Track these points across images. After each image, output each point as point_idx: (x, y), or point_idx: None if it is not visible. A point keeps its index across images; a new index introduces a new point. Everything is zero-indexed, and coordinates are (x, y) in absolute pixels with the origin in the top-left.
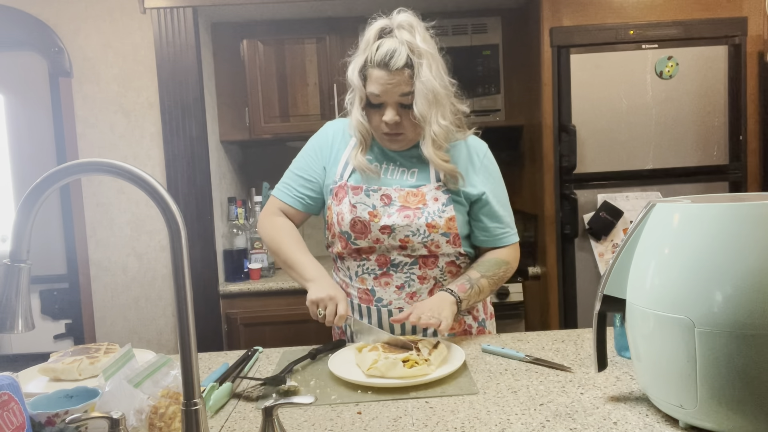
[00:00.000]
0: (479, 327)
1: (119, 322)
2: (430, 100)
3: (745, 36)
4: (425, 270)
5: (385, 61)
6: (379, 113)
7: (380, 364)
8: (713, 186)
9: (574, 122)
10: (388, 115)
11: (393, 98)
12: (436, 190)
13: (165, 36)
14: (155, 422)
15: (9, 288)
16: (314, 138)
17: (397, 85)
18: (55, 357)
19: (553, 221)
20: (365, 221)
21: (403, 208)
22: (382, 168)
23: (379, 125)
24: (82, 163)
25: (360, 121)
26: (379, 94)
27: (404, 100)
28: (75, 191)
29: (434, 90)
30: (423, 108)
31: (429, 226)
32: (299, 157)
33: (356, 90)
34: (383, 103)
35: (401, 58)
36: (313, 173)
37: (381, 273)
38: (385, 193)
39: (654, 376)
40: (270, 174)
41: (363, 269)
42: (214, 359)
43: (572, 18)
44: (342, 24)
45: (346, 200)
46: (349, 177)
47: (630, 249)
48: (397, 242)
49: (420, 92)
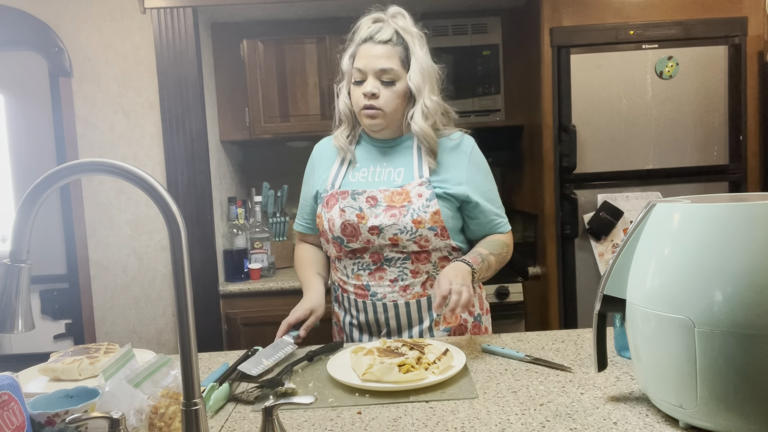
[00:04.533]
0: (475, 322)
1: (119, 322)
2: (424, 75)
3: (745, 36)
4: (418, 265)
5: (371, 35)
6: (360, 89)
7: (375, 368)
8: (713, 186)
9: (574, 122)
10: (367, 87)
11: (373, 71)
12: (419, 187)
13: (165, 36)
14: (155, 422)
15: (9, 288)
16: (307, 164)
17: (380, 57)
18: (55, 357)
19: (553, 221)
20: (354, 224)
21: (389, 207)
22: (370, 171)
23: (359, 100)
24: (82, 163)
25: (345, 103)
26: (361, 68)
27: (383, 75)
28: (75, 191)
29: (428, 66)
30: (417, 81)
31: (415, 222)
32: (303, 185)
33: (346, 74)
34: (365, 79)
35: (387, 32)
36: (311, 198)
37: (375, 268)
38: (370, 195)
39: (654, 376)
40: (270, 174)
41: (358, 266)
42: (214, 359)
43: (572, 18)
44: (342, 24)
45: (336, 206)
46: (339, 186)
47: (630, 249)
48: (387, 241)
49: (415, 67)
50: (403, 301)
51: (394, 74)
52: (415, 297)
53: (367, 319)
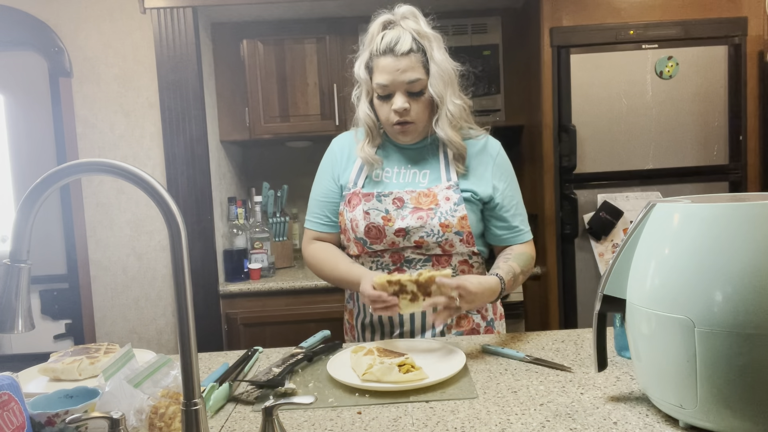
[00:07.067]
0: (487, 327)
1: (119, 322)
2: (445, 79)
3: (745, 36)
4: (438, 267)
5: (390, 47)
6: (387, 104)
7: (375, 369)
8: (713, 186)
9: (574, 122)
10: (398, 102)
11: (401, 85)
12: (447, 190)
13: (165, 36)
14: (155, 422)
15: (9, 288)
16: (324, 159)
17: (404, 71)
18: (55, 357)
19: (553, 221)
20: (380, 226)
21: (415, 209)
22: (394, 171)
23: (389, 116)
24: (82, 163)
25: (366, 113)
26: (386, 83)
27: (412, 88)
28: (75, 191)
29: (447, 69)
30: (439, 87)
31: (442, 226)
32: (316, 183)
33: (363, 84)
34: (391, 94)
35: (406, 43)
36: (332, 194)
37: (395, 268)
38: (396, 196)
39: (654, 376)
40: (270, 174)
41: (377, 265)
42: (214, 359)
43: (572, 18)
44: (342, 24)
45: (359, 208)
46: (362, 185)
47: (630, 249)
48: (412, 243)
49: (435, 73)
50: None
51: (421, 84)
52: None
53: (381, 319)
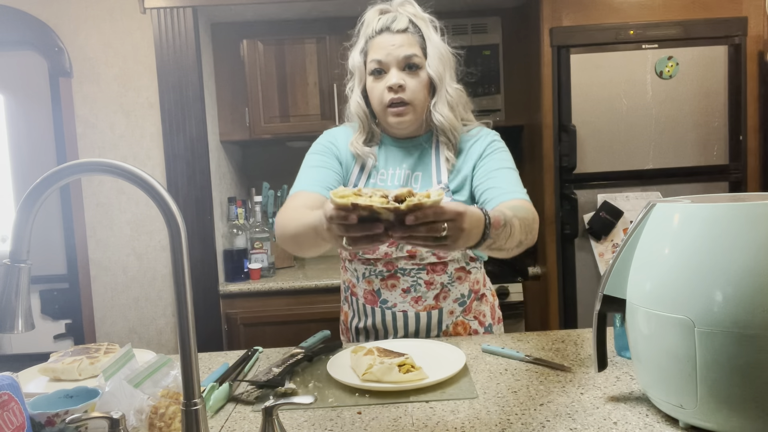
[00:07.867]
0: (486, 332)
1: (119, 322)
2: (444, 61)
3: (745, 36)
4: (432, 275)
5: (387, 25)
6: (382, 82)
7: (375, 369)
8: (713, 186)
9: (574, 122)
10: (393, 78)
11: (396, 60)
12: None
13: (165, 36)
14: (155, 422)
15: (9, 288)
16: (319, 140)
17: (400, 46)
18: (55, 357)
19: (553, 221)
20: None
21: None
22: (389, 173)
23: (383, 96)
24: (82, 163)
25: (359, 103)
26: (381, 59)
27: (408, 61)
28: (75, 191)
29: (445, 50)
30: (437, 66)
31: None
32: (310, 157)
33: (357, 72)
34: (385, 70)
35: (403, 21)
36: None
37: (388, 275)
38: None
39: (654, 376)
40: (270, 174)
41: (370, 271)
42: (214, 359)
43: (572, 18)
44: (342, 24)
45: None
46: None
47: (630, 249)
48: (404, 254)
49: (433, 53)
50: (414, 312)
51: (419, 60)
52: (427, 309)
53: (374, 324)
